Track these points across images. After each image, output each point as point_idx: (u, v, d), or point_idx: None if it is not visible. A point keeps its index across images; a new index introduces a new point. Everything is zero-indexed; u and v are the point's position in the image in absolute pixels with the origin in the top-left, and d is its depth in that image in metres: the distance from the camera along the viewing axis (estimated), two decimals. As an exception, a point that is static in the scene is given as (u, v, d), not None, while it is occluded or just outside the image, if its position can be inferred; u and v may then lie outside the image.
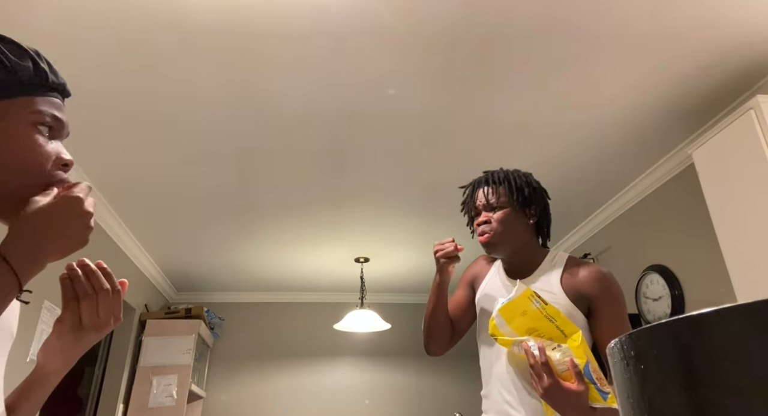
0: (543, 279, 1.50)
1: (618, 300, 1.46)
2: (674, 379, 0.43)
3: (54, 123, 0.78)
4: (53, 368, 0.83)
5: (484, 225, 1.53)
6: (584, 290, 1.45)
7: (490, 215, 1.53)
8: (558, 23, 2.04)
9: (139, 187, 3.15)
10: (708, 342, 0.42)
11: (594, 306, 1.44)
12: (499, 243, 1.53)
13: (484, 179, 1.61)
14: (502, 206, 1.53)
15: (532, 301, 1.29)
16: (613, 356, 0.59)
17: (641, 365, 0.48)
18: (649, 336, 0.48)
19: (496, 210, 1.53)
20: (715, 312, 0.42)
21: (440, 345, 1.64)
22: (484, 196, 1.56)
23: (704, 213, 2.43)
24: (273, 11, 1.95)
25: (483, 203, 1.56)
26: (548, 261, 1.55)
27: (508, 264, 1.60)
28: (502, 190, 1.55)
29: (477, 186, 1.62)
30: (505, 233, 1.51)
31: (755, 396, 0.38)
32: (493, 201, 1.54)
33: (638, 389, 0.50)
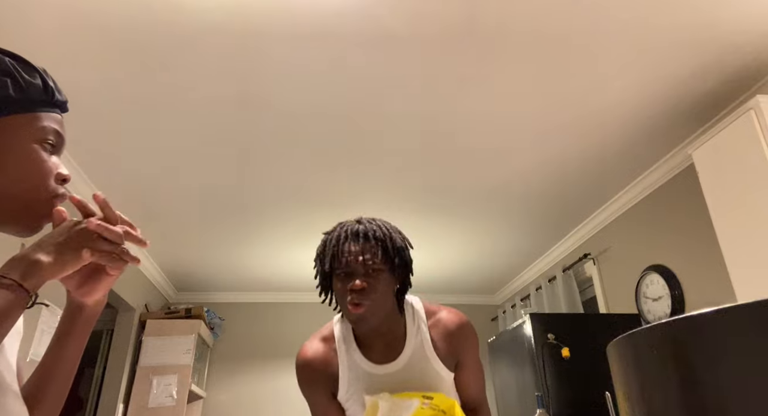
0: (415, 352, 1.32)
1: (477, 346, 1.40)
2: (674, 379, 0.43)
3: (56, 139, 0.82)
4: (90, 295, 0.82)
5: (358, 294, 1.22)
6: (455, 347, 1.35)
7: (365, 281, 1.23)
8: (558, 24, 2.04)
9: (139, 186, 3.15)
10: (708, 342, 0.42)
11: (461, 359, 1.35)
12: (374, 316, 1.25)
13: (358, 232, 1.29)
14: (378, 269, 1.25)
15: (422, 406, 1.17)
16: (613, 356, 0.59)
17: (641, 365, 0.48)
18: (649, 336, 0.48)
19: (371, 275, 1.24)
20: (715, 312, 0.42)
21: None
22: (359, 255, 1.25)
23: (704, 213, 2.44)
24: (273, 11, 1.95)
25: (359, 264, 1.24)
26: (411, 327, 1.36)
27: (371, 339, 1.33)
28: (380, 249, 1.27)
29: (347, 238, 1.28)
30: (379, 303, 1.25)
31: (755, 395, 0.38)
32: (369, 263, 1.24)
33: (638, 389, 0.50)
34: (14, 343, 0.83)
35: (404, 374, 1.30)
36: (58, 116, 0.83)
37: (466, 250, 4.22)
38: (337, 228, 1.33)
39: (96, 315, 0.85)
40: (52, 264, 0.69)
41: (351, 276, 1.25)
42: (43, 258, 0.68)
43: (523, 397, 3.08)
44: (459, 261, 4.43)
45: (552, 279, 4.19)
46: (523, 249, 4.29)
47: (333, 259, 1.27)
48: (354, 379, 1.31)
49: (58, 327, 0.85)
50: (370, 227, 1.30)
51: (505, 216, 3.68)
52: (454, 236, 3.95)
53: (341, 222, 1.35)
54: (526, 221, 3.77)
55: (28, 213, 0.77)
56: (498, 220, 3.73)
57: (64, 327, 0.84)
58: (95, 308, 0.84)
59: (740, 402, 0.40)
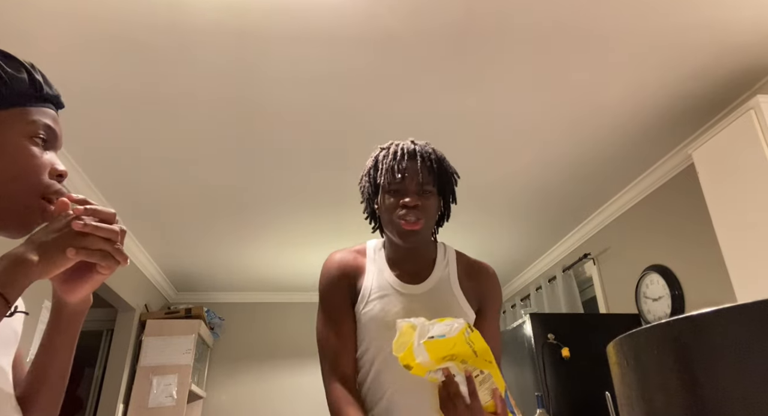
0: (442, 281, 1.32)
1: (501, 300, 1.40)
2: (674, 379, 0.43)
3: (48, 134, 0.79)
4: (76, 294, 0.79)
5: (415, 211, 1.24)
6: (479, 289, 1.34)
7: (419, 200, 1.25)
8: (558, 24, 2.04)
9: (139, 186, 3.15)
10: (708, 342, 0.42)
11: (484, 305, 1.34)
12: (424, 234, 1.29)
13: (415, 151, 1.30)
14: (431, 192, 1.28)
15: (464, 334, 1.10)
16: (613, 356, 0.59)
17: (641, 365, 0.48)
18: (649, 336, 0.48)
19: (423, 196, 1.27)
20: (715, 312, 0.42)
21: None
22: (415, 173, 1.26)
23: (704, 213, 2.44)
24: (273, 11, 1.95)
25: (416, 183, 1.26)
26: (441, 258, 1.38)
27: (402, 260, 1.33)
28: (435, 171, 1.29)
29: (404, 156, 1.29)
30: (430, 223, 1.29)
31: (755, 395, 0.38)
32: (424, 181, 1.27)
33: (638, 389, 0.50)
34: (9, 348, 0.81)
35: (428, 299, 1.28)
36: (49, 111, 0.81)
37: (465, 250, 4.20)
38: (392, 145, 1.33)
39: (80, 314, 0.82)
40: (40, 264, 0.65)
41: (404, 193, 1.26)
42: (32, 257, 0.65)
43: (523, 397, 3.08)
44: (459, 261, 4.42)
45: (552, 279, 4.19)
46: (523, 250, 4.29)
47: (388, 173, 1.28)
48: (377, 290, 1.29)
49: (46, 326, 0.82)
50: (426, 149, 1.32)
51: (505, 216, 3.68)
52: (453, 236, 3.95)
53: (395, 141, 1.36)
54: (526, 221, 3.77)
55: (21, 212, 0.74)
56: (498, 220, 3.73)
57: (50, 325, 0.81)
58: (78, 306, 0.81)
59: (740, 402, 0.40)
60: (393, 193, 1.27)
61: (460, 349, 1.09)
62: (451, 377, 1.10)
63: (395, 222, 1.25)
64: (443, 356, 1.08)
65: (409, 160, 1.28)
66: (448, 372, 1.10)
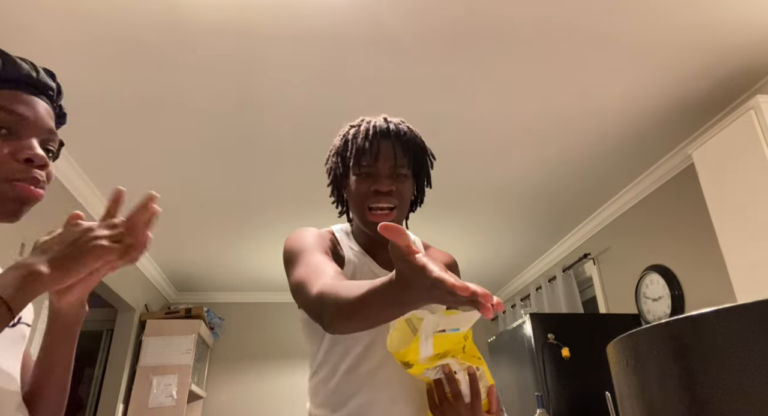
0: None
1: None
2: (674, 379, 0.43)
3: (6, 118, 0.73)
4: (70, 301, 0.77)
5: (388, 197, 1.10)
6: None
7: (393, 185, 1.11)
8: (558, 25, 2.04)
9: (139, 187, 3.15)
10: (708, 342, 0.42)
11: None
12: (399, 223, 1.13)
13: (389, 130, 1.14)
14: (406, 176, 1.13)
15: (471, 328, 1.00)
16: (613, 356, 0.59)
17: (641, 365, 0.48)
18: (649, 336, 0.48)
19: (398, 180, 1.12)
20: (715, 312, 0.42)
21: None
22: (389, 155, 1.11)
23: (704, 213, 2.44)
24: (273, 11, 1.95)
25: (390, 166, 1.11)
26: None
27: (377, 245, 1.19)
28: (410, 153, 1.14)
29: (376, 135, 1.14)
30: (402, 213, 1.15)
31: (755, 395, 0.38)
32: (399, 164, 1.12)
33: (638, 389, 0.50)
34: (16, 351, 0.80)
35: None
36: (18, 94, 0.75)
37: (465, 250, 4.22)
38: (363, 123, 1.18)
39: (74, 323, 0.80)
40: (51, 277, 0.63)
41: (375, 177, 1.11)
42: (43, 269, 0.62)
43: (523, 397, 3.08)
44: (459, 261, 4.41)
45: (552, 279, 4.19)
46: (523, 249, 4.29)
47: (358, 155, 1.13)
48: (361, 267, 1.16)
49: (45, 330, 0.81)
50: (401, 127, 1.16)
51: (505, 216, 3.68)
52: (453, 236, 3.95)
53: (365, 118, 1.20)
54: (526, 221, 3.77)
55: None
56: (498, 220, 3.73)
57: (48, 329, 0.80)
58: (72, 313, 0.78)
59: (740, 401, 0.40)
60: (363, 177, 1.12)
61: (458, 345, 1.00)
62: (451, 375, 1.00)
63: (365, 212, 1.12)
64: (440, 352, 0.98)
65: (383, 140, 1.13)
66: (449, 369, 1.00)
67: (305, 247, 1.08)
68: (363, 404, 1.06)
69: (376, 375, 1.08)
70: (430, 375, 1.01)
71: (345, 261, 1.16)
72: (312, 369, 1.17)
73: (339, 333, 0.92)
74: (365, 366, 1.08)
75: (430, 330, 0.92)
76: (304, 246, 1.09)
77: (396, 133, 1.14)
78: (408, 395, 1.07)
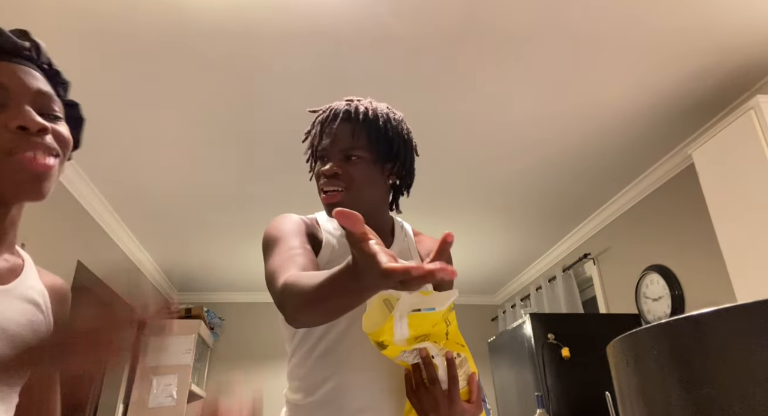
0: (403, 252, 1.19)
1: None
2: (674, 379, 0.43)
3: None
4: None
5: (331, 179, 1.08)
6: None
7: (340, 167, 1.08)
8: (558, 24, 2.04)
9: (139, 187, 3.15)
10: (708, 342, 0.42)
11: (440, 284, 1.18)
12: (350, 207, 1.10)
13: (343, 111, 1.13)
14: (361, 158, 1.09)
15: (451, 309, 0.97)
16: (613, 356, 0.59)
17: (641, 365, 0.48)
18: (649, 336, 0.48)
19: (350, 162, 1.09)
20: (715, 312, 0.42)
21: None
22: (338, 137, 1.10)
23: (704, 213, 2.44)
24: (272, 11, 1.95)
25: (337, 147, 1.10)
26: (399, 231, 1.23)
27: None
28: (364, 133, 1.10)
29: (331, 118, 1.14)
30: (359, 194, 1.09)
31: (755, 395, 0.38)
32: (349, 146, 1.09)
33: (638, 389, 0.50)
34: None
35: None
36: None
37: (465, 250, 4.22)
38: (325, 107, 1.20)
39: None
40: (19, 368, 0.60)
41: (326, 160, 1.11)
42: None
43: (523, 397, 3.08)
44: (459, 261, 4.43)
45: (552, 279, 4.19)
46: (523, 249, 4.29)
47: (315, 137, 1.15)
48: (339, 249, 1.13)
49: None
50: (359, 107, 1.13)
51: (505, 216, 3.68)
52: (454, 236, 3.95)
53: (332, 103, 1.20)
54: (526, 221, 3.77)
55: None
56: (498, 220, 3.73)
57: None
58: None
59: (740, 401, 0.40)
60: (320, 161, 1.13)
61: (438, 328, 0.97)
62: (428, 359, 0.97)
63: (320, 194, 1.11)
64: (418, 335, 0.94)
65: (340, 123, 1.11)
66: (426, 353, 0.97)
67: (280, 235, 1.07)
68: (336, 387, 1.03)
69: (351, 358, 1.05)
70: (407, 359, 0.98)
71: (322, 246, 1.13)
72: (289, 354, 1.15)
73: (302, 326, 0.92)
74: (340, 350, 1.05)
75: (405, 309, 0.89)
76: (280, 234, 1.07)
77: (355, 115, 1.11)
78: (384, 380, 1.04)
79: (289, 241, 1.04)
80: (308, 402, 1.05)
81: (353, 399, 1.02)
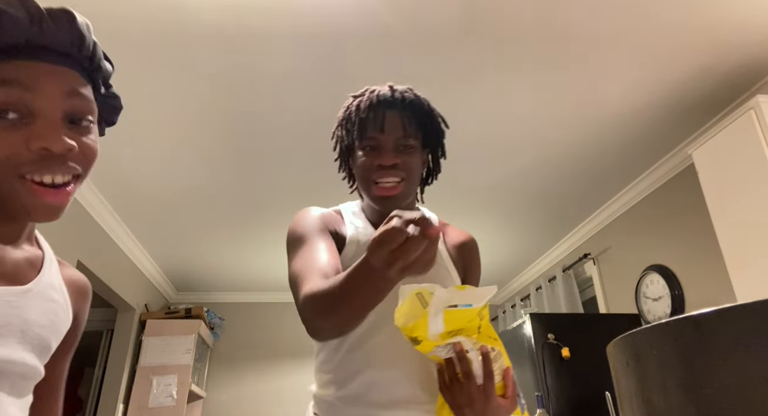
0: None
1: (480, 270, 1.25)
2: (674, 379, 0.43)
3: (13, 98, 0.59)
4: None
5: (392, 171, 1.03)
6: (464, 260, 1.20)
7: (399, 158, 1.03)
8: (558, 24, 2.04)
9: (140, 187, 3.15)
10: (708, 342, 0.42)
11: (468, 277, 1.20)
12: (406, 197, 1.08)
13: (393, 99, 1.08)
14: (414, 147, 1.06)
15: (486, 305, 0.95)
16: (613, 356, 0.59)
17: (641, 365, 0.48)
18: (649, 336, 0.48)
19: (404, 151, 1.05)
20: (715, 312, 0.42)
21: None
22: (393, 126, 1.05)
23: (704, 213, 2.44)
24: (272, 11, 1.95)
25: (391, 136, 1.04)
26: None
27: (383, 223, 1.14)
28: (417, 122, 1.07)
29: (379, 104, 1.08)
30: (413, 184, 1.07)
31: (755, 396, 0.38)
32: (403, 135, 1.05)
33: (638, 389, 0.50)
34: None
35: None
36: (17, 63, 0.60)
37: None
38: (367, 92, 1.14)
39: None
40: None
41: (379, 150, 1.05)
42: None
43: (523, 397, 3.08)
44: (459, 261, 4.42)
45: (552, 279, 4.19)
46: (523, 249, 4.29)
47: (360, 128, 1.07)
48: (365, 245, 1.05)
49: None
50: (407, 95, 1.10)
51: (505, 216, 3.68)
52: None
53: (370, 87, 1.16)
54: (526, 221, 3.77)
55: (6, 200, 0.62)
56: (498, 220, 3.73)
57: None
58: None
59: (740, 402, 0.40)
60: (367, 150, 1.06)
61: (472, 323, 0.94)
62: (462, 353, 0.94)
63: (370, 186, 1.06)
64: (452, 330, 0.92)
65: (388, 110, 1.06)
66: (461, 348, 0.94)
67: (304, 234, 1.05)
68: (368, 382, 1.01)
69: (383, 352, 1.02)
70: (440, 354, 0.96)
71: (347, 242, 1.10)
72: (315, 350, 1.13)
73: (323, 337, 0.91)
74: (371, 344, 1.03)
75: (441, 304, 0.88)
76: (304, 233, 1.06)
77: (402, 102, 1.08)
78: (415, 374, 1.02)
79: (312, 242, 1.02)
80: (339, 396, 1.02)
81: (385, 393, 1.00)
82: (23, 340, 0.66)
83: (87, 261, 3.17)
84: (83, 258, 3.13)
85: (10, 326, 0.65)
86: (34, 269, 0.72)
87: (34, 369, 0.69)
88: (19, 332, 0.66)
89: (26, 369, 0.67)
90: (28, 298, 0.68)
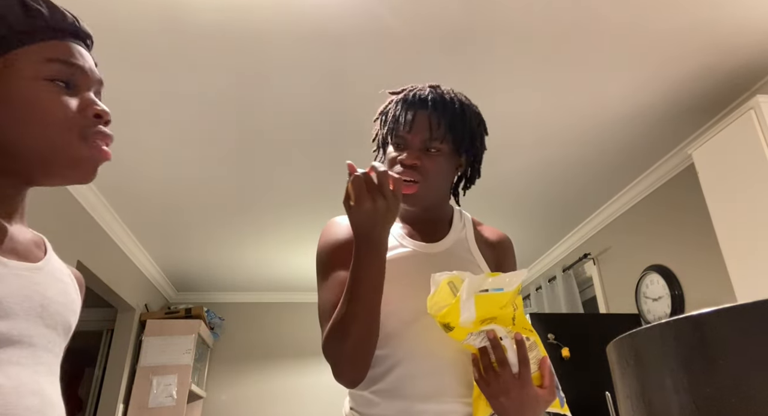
0: (460, 242, 1.16)
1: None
2: (674, 379, 0.43)
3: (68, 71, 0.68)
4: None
5: (408, 170, 1.05)
6: (497, 259, 1.21)
7: (420, 159, 1.05)
8: (558, 25, 2.04)
9: (140, 187, 3.15)
10: (708, 342, 0.42)
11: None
12: (424, 199, 1.08)
13: (427, 99, 1.10)
14: (440, 150, 1.07)
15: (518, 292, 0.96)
16: (613, 356, 0.59)
17: (641, 365, 0.48)
18: (649, 336, 0.48)
19: (430, 153, 1.07)
20: (715, 312, 0.42)
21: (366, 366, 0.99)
22: (420, 126, 1.07)
23: (704, 213, 2.44)
24: (273, 11, 1.95)
25: (417, 137, 1.07)
26: (458, 220, 1.21)
27: (414, 218, 1.17)
28: (446, 125, 1.07)
29: (413, 103, 1.11)
30: (432, 186, 1.08)
31: (755, 396, 0.38)
32: (429, 138, 1.06)
33: (638, 389, 0.50)
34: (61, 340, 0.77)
35: (445, 259, 1.09)
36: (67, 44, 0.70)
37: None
38: (406, 90, 1.17)
39: None
40: None
41: (404, 148, 1.08)
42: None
43: (523, 397, 3.08)
44: (459, 261, 4.43)
45: (552, 279, 4.19)
46: (523, 250, 4.29)
47: (392, 123, 1.11)
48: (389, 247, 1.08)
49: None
50: (445, 96, 1.12)
51: (505, 216, 3.68)
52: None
53: (414, 85, 1.18)
54: (525, 221, 3.77)
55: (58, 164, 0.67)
56: (497, 220, 3.73)
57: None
58: None
59: (740, 402, 0.40)
60: (396, 147, 1.10)
61: (506, 311, 0.94)
62: (496, 340, 0.92)
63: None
64: (485, 317, 0.91)
65: (420, 110, 1.08)
66: (494, 335, 0.92)
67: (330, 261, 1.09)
68: (403, 375, 1.00)
69: (418, 346, 1.02)
70: (474, 342, 0.94)
71: None
72: None
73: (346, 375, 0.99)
74: (406, 337, 1.02)
75: (472, 289, 0.89)
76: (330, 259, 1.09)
77: (434, 104, 1.09)
78: (450, 366, 1.01)
79: (339, 270, 1.05)
80: (375, 390, 1.02)
81: (421, 386, 0.99)
82: (43, 315, 0.66)
83: (87, 261, 3.17)
84: (83, 258, 3.13)
85: (31, 301, 0.65)
86: (41, 250, 0.73)
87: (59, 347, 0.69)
88: (39, 307, 0.66)
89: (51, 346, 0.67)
90: (42, 275, 0.68)
